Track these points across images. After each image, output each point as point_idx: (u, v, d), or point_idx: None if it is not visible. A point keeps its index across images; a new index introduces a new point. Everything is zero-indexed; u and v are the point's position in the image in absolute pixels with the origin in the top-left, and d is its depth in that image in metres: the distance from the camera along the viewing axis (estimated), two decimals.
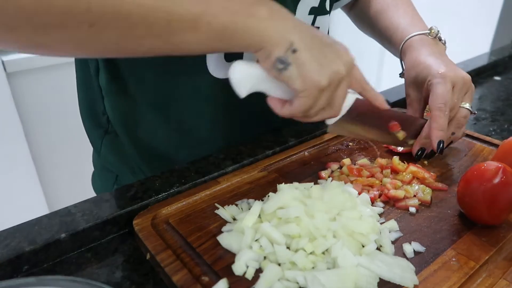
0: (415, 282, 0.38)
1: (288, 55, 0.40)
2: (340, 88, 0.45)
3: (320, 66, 0.41)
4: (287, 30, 0.40)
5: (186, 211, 0.48)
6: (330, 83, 0.43)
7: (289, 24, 0.41)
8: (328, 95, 0.44)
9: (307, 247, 0.40)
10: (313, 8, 0.61)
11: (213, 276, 0.39)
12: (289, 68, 0.41)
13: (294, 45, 0.40)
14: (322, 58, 0.42)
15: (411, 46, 0.63)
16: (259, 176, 0.56)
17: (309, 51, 0.41)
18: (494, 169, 0.44)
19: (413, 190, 0.51)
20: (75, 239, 0.45)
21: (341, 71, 0.43)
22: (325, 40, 0.43)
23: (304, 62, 0.41)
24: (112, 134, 0.66)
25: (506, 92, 0.91)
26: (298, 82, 0.42)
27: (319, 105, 0.44)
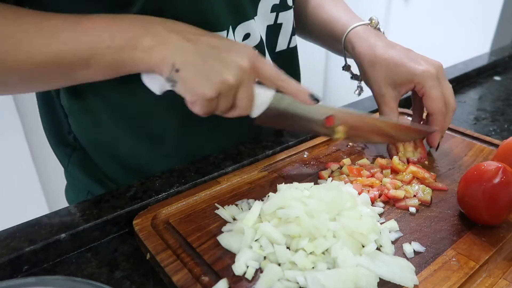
0: (415, 282, 0.38)
1: (172, 74, 0.44)
2: (240, 93, 0.47)
3: (204, 80, 0.44)
4: (169, 53, 0.44)
5: (186, 211, 0.48)
6: (220, 92, 0.45)
7: (172, 46, 0.44)
8: (226, 100, 0.47)
9: (307, 247, 0.40)
10: (274, 5, 0.61)
11: (213, 276, 0.39)
12: (177, 85, 0.45)
13: (176, 65, 0.44)
14: (207, 71, 0.44)
15: (357, 38, 0.63)
16: (259, 176, 0.56)
17: (191, 68, 0.44)
18: (494, 169, 0.44)
19: (413, 190, 0.51)
20: (75, 239, 0.45)
21: (227, 79, 0.45)
22: (213, 51, 0.46)
23: (187, 78, 0.44)
24: (80, 152, 0.64)
25: (506, 92, 0.91)
26: (187, 95, 0.46)
27: (221, 109, 0.47)
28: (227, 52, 0.46)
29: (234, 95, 0.47)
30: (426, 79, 0.57)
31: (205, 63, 0.45)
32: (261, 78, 0.49)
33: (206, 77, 0.44)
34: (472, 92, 0.91)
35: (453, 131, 0.68)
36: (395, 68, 0.58)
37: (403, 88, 0.60)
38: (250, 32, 0.58)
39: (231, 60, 0.45)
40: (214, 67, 0.45)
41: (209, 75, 0.44)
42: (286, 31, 0.65)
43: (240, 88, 0.46)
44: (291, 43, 0.67)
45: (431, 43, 1.99)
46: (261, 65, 0.48)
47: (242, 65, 0.46)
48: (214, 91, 0.45)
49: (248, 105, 0.48)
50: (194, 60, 0.44)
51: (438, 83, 0.57)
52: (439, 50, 1.89)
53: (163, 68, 0.44)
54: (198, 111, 0.47)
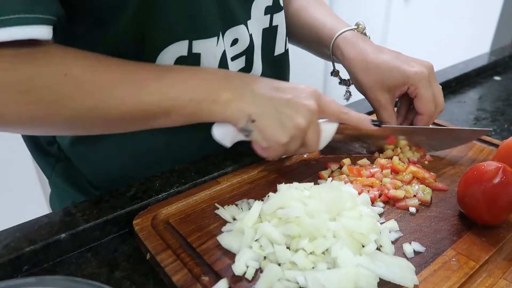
0: (415, 282, 0.38)
1: (248, 125, 0.48)
2: (309, 133, 0.50)
3: (278, 127, 0.48)
4: (245, 106, 0.47)
5: (186, 211, 0.48)
6: (292, 137, 0.48)
7: (247, 99, 0.48)
8: (297, 142, 0.50)
9: (307, 247, 0.40)
10: (268, 7, 0.61)
11: (213, 276, 0.39)
12: (252, 133, 0.48)
13: (252, 116, 0.47)
14: (279, 119, 0.48)
15: (346, 43, 0.62)
16: (259, 176, 0.56)
17: (266, 118, 0.47)
18: (494, 169, 0.44)
19: (413, 190, 0.51)
20: (75, 239, 0.45)
21: (300, 124, 0.48)
22: (282, 98, 0.48)
23: (263, 127, 0.48)
24: (64, 162, 0.64)
25: (506, 92, 0.91)
26: (263, 142, 0.49)
27: (292, 150, 0.51)
28: (295, 96, 0.49)
29: (302, 137, 0.50)
30: (419, 81, 0.58)
31: (278, 111, 0.48)
32: (325, 115, 0.52)
33: (280, 124, 0.48)
34: (472, 92, 0.91)
35: None
36: (388, 72, 0.59)
37: (397, 91, 0.60)
38: (238, 38, 0.58)
39: (300, 104, 0.48)
40: (286, 113, 0.48)
41: (282, 121, 0.48)
42: (282, 34, 0.65)
43: (309, 128, 0.49)
44: (286, 45, 0.67)
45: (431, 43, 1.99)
46: (325, 103, 0.51)
47: (310, 107, 0.48)
48: (289, 136, 0.48)
49: (317, 142, 0.52)
50: (268, 109, 0.47)
51: (429, 84, 0.58)
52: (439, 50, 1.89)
53: (239, 119, 0.48)
54: (270, 155, 0.51)
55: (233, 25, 0.56)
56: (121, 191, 0.52)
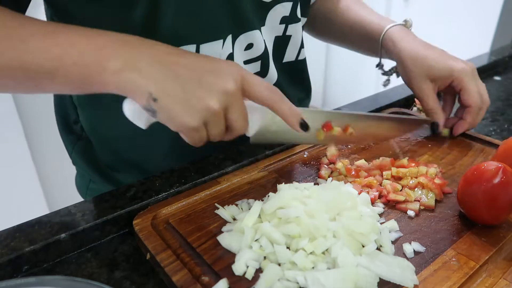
0: (415, 282, 0.38)
1: (150, 104, 0.41)
2: (230, 116, 0.44)
3: (186, 108, 0.41)
4: (144, 81, 0.40)
5: (186, 211, 0.48)
6: (206, 119, 0.42)
7: (145, 72, 0.40)
8: (216, 126, 0.43)
9: (307, 247, 0.40)
10: (284, 17, 0.62)
11: (213, 276, 0.39)
12: (157, 114, 0.41)
13: (153, 94, 0.40)
14: (188, 99, 0.41)
15: (397, 35, 0.67)
16: (259, 176, 0.56)
17: (170, 97, 0.41)
18: (494, 169, 0.44)
19: (415, 195, 0.50)
20: (75, 239, 0.45)
21: (211, 106, 0.41)
22: (193, 76, 0.42)
23: (168, 107, 0.41)
24: (84, 141, 0.66)
25: (506, 92, 0.91)
26: (171, 125, 0.42)
27: (214, 134, 0.44)
28: (210, 75, 0.42)
29: (224, 119, 0.44)
30: (464, 75, 0.62)
31: (185, 90, 0.41)
32: (251, 98, 0.45)
33: (187, 106, 0.41)
34: None
35: None
36: (436, 64, 0.63)
37: (441, 82, 0.64)
38: (253, 42, 0.59)
39: (214, 84, 0.42)
40: (195, 93, 0.41)
41: (190, 103, 0.41)
42: (295, 43, 0.66)
43: (230, 111, 0.43)
44: (299, 56, 0.68)
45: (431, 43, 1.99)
46: (249, 84, 0.44)
47: (227, 88, 0.42)
48: (197, 119, 0.41)
49: (243, 125, 0.45)
50: (172, 87, 0.41)
51: (474, 79, 0.63)
52: None
53: (138, 96, 0.41)
54: (189, 142, 0.45)
55: (246, 30, 0.57)
56: (121, 191, 0.52)
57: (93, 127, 0.63)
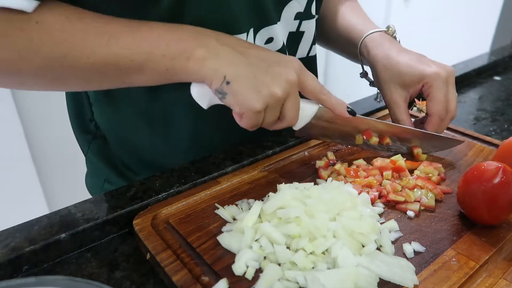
0: (415, 282, 0.38)
1: (223, 87, 0.45)
2: (286, 105, 0.48)
3: (254, 93, 0.45)
4: (221, 66, 0.45)
5: (186, 211, 0.48)
6: (268, 105, 0.46)
7: (224, 59, 0.46)
8: (273, 113, 0.48)
9: (307, 247, 0.40)
10: (298, 13, 0.62)
11: (213, 276, 0.39)
12: (227, 96, 0.46)
13: (227, 78, 0.45)
14: (256, 84, 0.45)
15: (373, 43, 0.65)
16: (259, 176, 0.56)
17: (242, 81, 0.45)
18: (494, 169, 0.44)
19: (414, 196, 0.50)
20: (75, 239, 0.45)
21: (276, 93, 0.46)
22: (262, 64, 0.47)
23: (237, 91, 0.45)
24: (100, 139, 0.67)
25: (506, 92, 0.91)
26: (236, 107, 0.47)
27: (268, 121, 0.49)
28: (276, 65, 0.47)
29: (280, 107, 0.48)
30: (434, 80, 0.59)
31: (255, 76, 0.46)
32: (304, 91, 0.50)
33: (255, 90, 0.45)
34: (472, 92, 0.91)
35: (453, 131, 0.68)
36: (407, 69, 0.60)
37: (411, 88, 0.61)
38: (273, 37, 0.59)
39: (279, 73, 0.47)
40: (263, 80, 0.46)
41: (258, 88, 0.46)
42: (308, 40, 0.66)
43: (287, 100, 0.48)
44: (310, 52, 0.68)
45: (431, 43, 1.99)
46: (305, 78, 0.49)
47: (290, 78, 0.47)
48: (262, 103, 0.46)
49: (295, 116, 0.50)
50: (244, 73, 0.45)
51: (445, 87, 0.59)
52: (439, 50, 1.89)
53: (214, 80, 0.45)
54: (245, 124, 0.48)
55: (267, 25, 0.58)
56: (121, 191, 0.52)
57: (109, 125, 0.64)
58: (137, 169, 0.67)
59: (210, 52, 0.46)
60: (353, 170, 0.55)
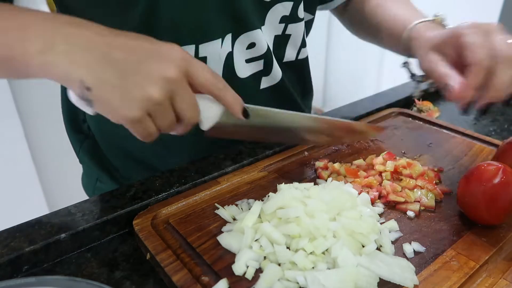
0: (415, 282, 0.38)
1: (84, 93, 0.37)
2: (177, 103, 0.40)
3: (124, 98, 0.37)
4: (71, 66, 0.36)
5: (186, 211, 0.48)
6: (147, 110, 0.38)
7: (74, 56, 0.36)
8: (162, 118, 0.40)
9: (307, 247, 0.40)
10: (284, 16, 0.61)
11: (213, 276, 0.39)
12: (94, 104, 0.38)
13: (85, 83, 0.36)
14: (125, 88, 0.37)
15: (419, 33, 0.58)
16: (259, 176, 0.56)
17: (106, 86, 0.37)
18: (494, 169, 0.44)
19: (414, 196, 0.50)
20: (75, 239, 0.45)
21: (152, 96, 0.37)
22: (130, 61, 0.38)
23: (102, 99, 0.37)
24: (91, 140, 0.67)
25: None
26: (110, 117, 0.39)
27: (162, 127, 0.41)
28: (149, 60, 0.38)
29: (171, 109, 0.40)
30: (468, 28, 0.49)
31: (122, 77, 0.37)
32: (194, 85, 0.41)
33: (125, 95, 0.37)
34: None
35: (453, 131, 0.68)
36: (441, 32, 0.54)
37: (448, 49, 0.51)
38: (255, 42, 0.59)
39: (153, 70, 0.37)
40: (133, 81, 0.37)
41: (128, 91, 0.37)
42: (295, 42, 0.66)
43: (176, 99, 0.40)
44: (300, 55, 0.68)
45: None
46: (193, 70, 0.40)
47: (167, 74, 0.38)
48: (138, 111, 0.37)
49: (193, 116, 0.42)
50: (107, 75, 0.36)
51: (482, 33, 0.48)
52: None
53: (69, 82, 0.37)
54: (137, 136, 0.41)
55: (247, 30, 0.57)
56: (121, 191, 0.52)
57: (99, 126, 0.63)
58: (125, 171, 0.66)
59: (52, 44, 0.36)
60: (353, 170, 0.55)
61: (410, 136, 0.66)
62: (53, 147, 1.58)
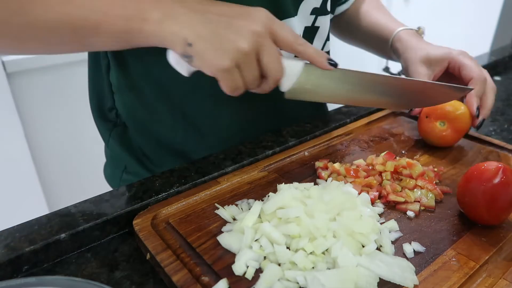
0: (415, 282, 0.38)
1: (186, 50, 0.44)
2: (263, 56, 0.45)
3: (218, 50, 0.44)
4: (180, 28, 0.43)
5: (186, 211, 0.48)
6: (239, 61, 0.44)
7: (182, 20, 0.44)
8: (249, 69, 0.45)
9: (307, 247, 0.40)
10: (315, 8, 0.63)
11: (213, 276, 0.39)
12: (193, 59, 0.44)
13: (188, 39, 0.43)
14: (219, 41, 0.44)
15: (406, 36, 0.70)
16: (259, 176, 0.56)
17: (204, 41, 0.43)
18: (494, 169, 0.44)
19: (414, 196, 0.50)
20: (75, 239, 0.45)
21: (242, 47, 0.44)
22: (223, 19, 0.45)
23: (202, 51, 0.44)
24: (120, 127, 0.68)
25: (506, 92, 0.91)
26: (206, 69, 0.45)
27: (248, 79, 0.46)
28: (239, 19, 0.45)
29: (257, 63, 0.46)
30: (460, 54, 0.63)
31: (216, 34, 0.44)
32: (277, 42, 0.47)
33: (219, 48, 0.44)
34: None
35: None
36: (432, 49, 0.65)
37: (437, 66, 0.65)
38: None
39: (242, 26, 0.44)
40: (226, 36, 0.44)
41: (222, 45, 0.44)
42: (322, 35, 0.67)
43: (261, 53, 0.45)
44: (324, 48, 0.69)
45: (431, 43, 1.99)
46: (276, 28, 0.46)
47: (255, 29, 0.44)
48: (229, 60, 0.44)
49: (277, 69, 0.47)
50: (205, 32, 0.44)
51: (473, 61, 0.63)
52: None
53: (176, 43, 0.44)
54: (225, 87, 0.46)
55: (285, 17, 0.59)
56: (121, 191, 0.52)
57: (131, 111, 0.65)
58: (156, 158, 0.68)
59: (167, 14, 0.44)
60: (353, 170, 0.55)
61: (410, 136, 0.66)
62: (53, 147, 1.58)
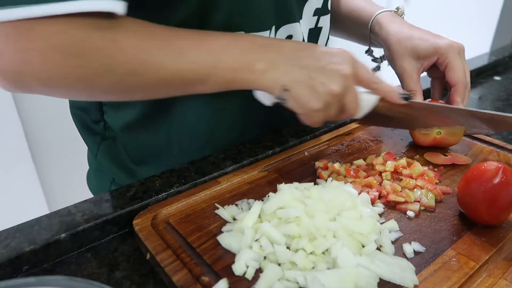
0: (415, 282, 0.38)
1: (282, 94, 0.48)
2: (346, 98, 0.50)
3: (312, 94, 0.48)
4: (279, 76, 0.48)
5: (186, 211, 0.48)
6: (327, 103, 0.48)
7: (282, 69, 0.48)
8: (334, 108, 0.50)
9: (307, 247, 0.40)
10: (317, 9, 0.63)
11: (213, 276, 0.39)
12: (287, 102, 0.49)
13: (285, 86, 0.48)
14: (313, 86, 0.48)
15: (385, 19, 0.68)
16: (259, 176, 0.56)
17: (299, 86, 0.48)
18: (494, 169, 0.44)
19: (414, 196, 0.50)
20: (75, 239, 0.45)
21: (333, 90, 0.48)
22: (316, 65, 0.48)
23: (296, 95, 0.48)
24: (109, 141, 0.67)
25: (506, 92, 0.91)
26: (298, 110, 0.50)
27: (331, 115, 0.51)
28: (330, 63, 0.48)
29: (341, 101, 0.50)
30: (449, 51, 0.61)
31: (311, 78, 0.48)
32: (359, 81, 0.51)
33: (313, 91, 0.48)
34: (472, 92, 0.91)
35: None
36: (420, 41, 0.62)
37: (426, 60, 0.63)
38: (293, 34, 0.60)
39: (334, 70, 0.48)
40: (320, 80, 0.47)
41: (315, 89, 0.47)
42: (324, 35, 0.68)
43: (346, 94, 0.49)
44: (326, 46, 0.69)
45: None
46: (358, 69, 0.50)
47: (345, 72, 0.48)
48: (322, 103, 0.48)
49: (356, 107, 0.51)
50: (301, 77, 0.48)
51: (460, 57, 0.61)
52: None
53: (274, 89, 0.48)
54: (309, 123, 0.51)
55: (288, 22, 0.59)
56: (121, 191, 0.52)
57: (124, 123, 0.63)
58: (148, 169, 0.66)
59: (270, 63, 0.48)
60: (353, 170, 0.55)
61: (410, 136, 0.66)
62: (53, 147, 1.58)
